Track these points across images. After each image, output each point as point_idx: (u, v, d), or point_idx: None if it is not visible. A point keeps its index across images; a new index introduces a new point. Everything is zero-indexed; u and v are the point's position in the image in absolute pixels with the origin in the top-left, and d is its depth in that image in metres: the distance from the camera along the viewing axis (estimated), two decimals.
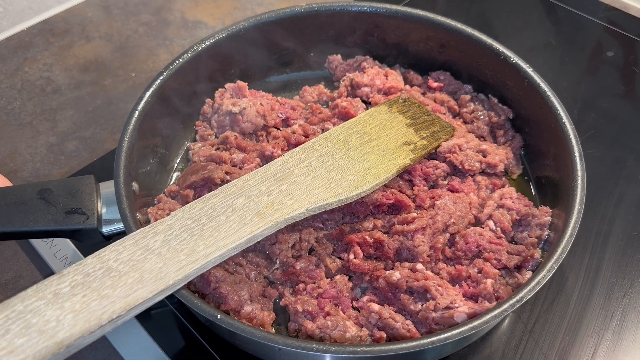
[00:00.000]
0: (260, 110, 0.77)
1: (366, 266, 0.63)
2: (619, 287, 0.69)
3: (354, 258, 0.64)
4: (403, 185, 0.70)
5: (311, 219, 0.67)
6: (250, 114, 0.76)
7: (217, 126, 0.78)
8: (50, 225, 0.58)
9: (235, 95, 0.79)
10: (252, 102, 0.77)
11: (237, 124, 0.76)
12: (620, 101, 0.90)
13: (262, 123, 0.77)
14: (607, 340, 0.65)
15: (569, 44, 0.99)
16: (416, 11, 0.80)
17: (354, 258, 0.64)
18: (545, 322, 0.66)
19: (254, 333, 0.51)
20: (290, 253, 0.65)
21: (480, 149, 0.73)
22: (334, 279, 0.63)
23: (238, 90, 0.79)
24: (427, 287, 0.59)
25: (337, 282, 0.62)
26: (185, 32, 1.06)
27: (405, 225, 0.64)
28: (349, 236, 0.65)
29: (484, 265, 0.62)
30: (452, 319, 0.56)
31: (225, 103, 0.77)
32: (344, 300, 0.61)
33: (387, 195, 0.67)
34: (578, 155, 0.63)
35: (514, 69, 0.74)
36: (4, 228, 0.57)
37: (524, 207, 0.68)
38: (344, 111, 0.77)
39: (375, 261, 0.65)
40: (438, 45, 0.82)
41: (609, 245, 0.73)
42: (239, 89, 0.79)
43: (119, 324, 0.47)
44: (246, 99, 0.78)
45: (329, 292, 0.61)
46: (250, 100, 0.78)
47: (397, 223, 0.65)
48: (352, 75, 0.83)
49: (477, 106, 0.79)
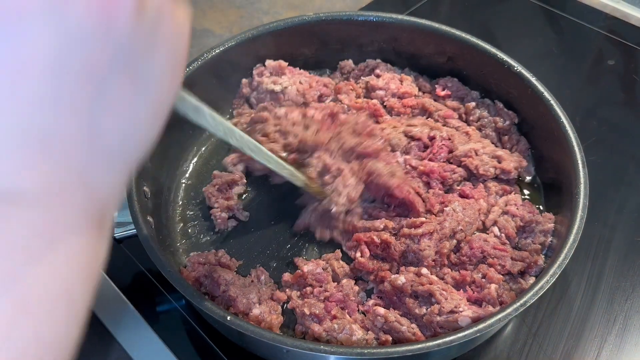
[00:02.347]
0: (300, 89, 0.79)
1: (371, 265, 0.65)
2: (621, 292, 0.70)
3: (360, 256, 0.65)
4: (421, 188, 0.71)
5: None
6: (291, 92, 0.79)
7: (257, 104, 0.80)
8: None
9: (274, 73, 0.81)
10: (293, 80, 0.80)
11: (278, 102, 0.79)
12: (621, 109, 0.92)
13: (302, 101, 0.80)
14: (610, 343, 0.66)
15: (571, 52, 1.00)
16: (420, 20, 0.82)
17: (361, 257, 0.65)
18: (549, 326, 0.67)
19: (263, 334, 0.52)
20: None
21: (495, 154, 0.74)
22: (341, 282, 0.64)
23: (278, 68, 0.81)
24: (432, 291, 0.60)
25: (344, 286, 0.64)
26: (193, 40, 1.07)
27: (413, 228, 0.65)
28: (357, 235, 0.67)
29: (488, 270, 0.63)
30: (456, 323, 0.57)
31: (265, 81, 0.79)
32: (350, 304, 0.62)
33: (402, 188, 0.67)
34: (581, 163, 0.65)
35: (517, 77, 0.75)
36: None
37: (528, 213, 0.69)
38: (373, 108, 0.80)
39: (380, 262, 0.66)
40: (442, 53, 0.83)
41: (611, 250, 0.74)
42: (279, 67, 0.81)
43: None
44: (286, 76, 0.80)
45: (335, 296, 0.62)
46: (291, 78, 0.80)
47: (405, 226, 0.66)
48: (367, 78, 0.84)
49: (483, 112, 0.80)
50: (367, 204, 0.71)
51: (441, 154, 0.74)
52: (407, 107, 0.81)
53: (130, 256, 0.72)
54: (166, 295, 0.69)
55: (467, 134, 0.77)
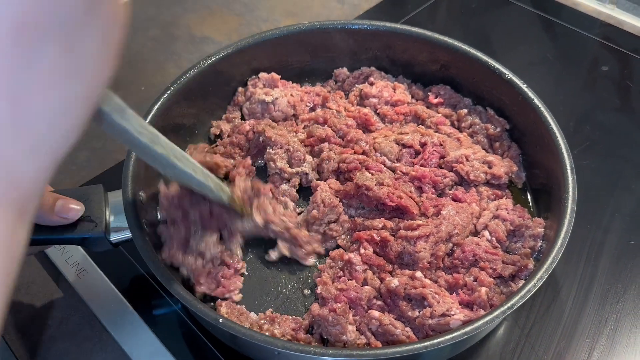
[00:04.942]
0: (291, 101, 0.83)
1: (377, 261, 0.66)
2: (613, 294, 0.71)
3: (365, 251, 0.67)
4: (413, 192, 0.72)
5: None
6: (282, 103, 0.82)
7: (248, 113, 0.84)
8: (60, 234, 0.61)
9: (267, 85, 0.84)
10: (284, 92, 0.83)
11: (268, 112, 0.82)
12: (615, 114, 0.93)
13: (292, 112, 0.83)
14: (601, 344, 0.66)
15: (565, 58, 1.01)
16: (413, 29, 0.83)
17: (365, 251, 0.67)
18: (541, 327, 0.68)
19: (254, 336, 0.54)
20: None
21: (486, 160, 0.75)
22: (363, 287, 0.65)
23: (271, 80, 0.85)
24: (425, 294, 0.61)
25: (364, 289, 0.64)
26: (193, 47, 1.09)
27: (410, 230, 0.66)
28: (358, 233, 0.68)
29: (479, 274, 0.64)
30: (447, 326, 0.58)
31: (258, 92, 0.83)
32: (359, 310, 0.63)
33: (392, 197, 0.69)
34: (570, 169, 0.66)
35: (508, 85, 0.76)
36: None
37: (518, 218, 0.70)
38: (364, 117, 0.81)
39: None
40: (435, 61, 0.84)
41: (604, 253, 0.75)
42: (272, 80, 0.85)
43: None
44: (278, 89, 0.84)
45: (349, 293, 0.63)
46: (282, 90, 0.84)
47: (403, 228, 0.67)
48: (361, 86, 0.86)
49: (475, 119, 0.81)
50: (361, 210, 0.72)
51: (433, 159, 0.74)
52: (400, 114, 0.83)
53: (131, 259, 0.73)
54: (165, 297, 0.70)
55: (459, 140, 0.78)
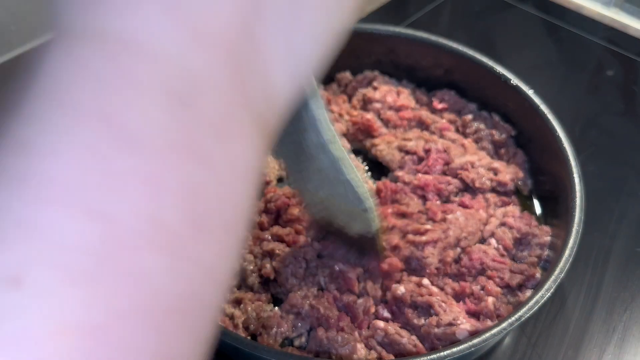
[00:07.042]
0: None
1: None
2: (621, 302, 0.70)
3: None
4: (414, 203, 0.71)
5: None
6: None
7: None
8: None
9: None
10: None
11: None
12: (621, 119, 0.92)
13: None
14: (609, 353, 0.66)
15: (570, 63, 1.01)
16: (417, 33, 0.83)
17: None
18: (548, 337, 0.67)
19: (246, 343, 0.52)
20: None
21: (491, 167, 0.74)
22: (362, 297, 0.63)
23: None
24: (431, 302, 0.60)
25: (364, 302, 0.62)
26: None
27: (417, 236, 0.66)
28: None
29: (487, 282, 0.64)
30: (453, 336, 0.58)
31: None
32: (362, 323, 0.61)
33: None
34: (577, 177, 0.65)
35: (514, 91, 0.75)
36: None
37: (525, 226, 0.69)
38: (367, 123, 0.79)
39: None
40: (439, 66, 0.84)
41: (611, 261, 0.74)
42: None
43: None
44: None
45: (351, 307, 0.61)
46: None
47: (410, 232, 0.66)
48: (364, 90, 0.85)
49: (480, 125, 0.80)
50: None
51: (437, 166, 0.74)
52: (404, 119, 0.82)
53: None
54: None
55: (464, 147, 0.77)
